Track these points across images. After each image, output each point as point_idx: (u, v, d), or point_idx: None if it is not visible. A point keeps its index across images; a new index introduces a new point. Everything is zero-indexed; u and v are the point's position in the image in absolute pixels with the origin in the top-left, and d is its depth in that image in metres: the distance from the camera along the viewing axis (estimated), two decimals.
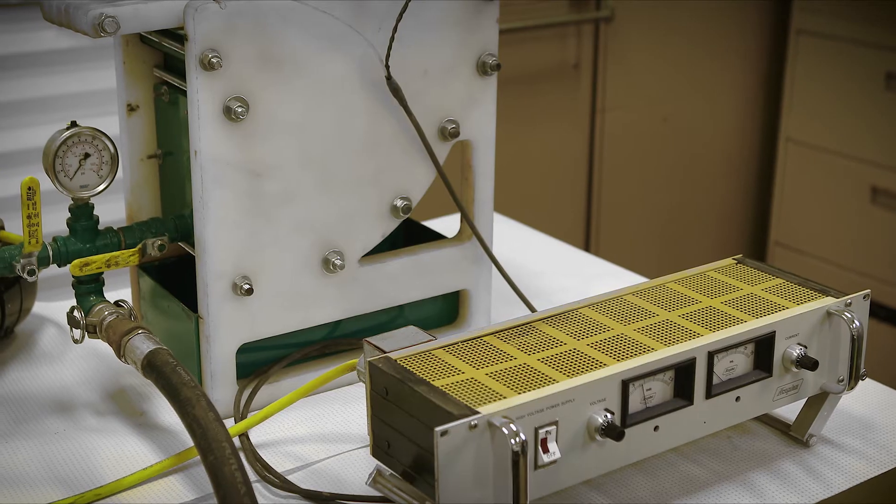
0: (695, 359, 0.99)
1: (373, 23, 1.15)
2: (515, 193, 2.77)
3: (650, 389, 0.97)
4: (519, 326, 1.03)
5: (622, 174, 3.08)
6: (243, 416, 1.15)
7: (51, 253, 1.12)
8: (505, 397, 0.91)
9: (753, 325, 1.03)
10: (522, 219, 1.79)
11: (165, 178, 1.27)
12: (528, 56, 2.85)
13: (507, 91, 1.24)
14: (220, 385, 1.16)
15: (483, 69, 1.23)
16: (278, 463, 1.09)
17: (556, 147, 2.96)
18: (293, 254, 1.17)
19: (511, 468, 0.87)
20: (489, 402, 0.90)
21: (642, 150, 3.08)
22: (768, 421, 1.14)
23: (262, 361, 1.21)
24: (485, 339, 1.01)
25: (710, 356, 1.00)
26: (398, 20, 1.14)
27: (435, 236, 1.33)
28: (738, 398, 1.03)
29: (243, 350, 1.17)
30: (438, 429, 0.86)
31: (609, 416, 0.94)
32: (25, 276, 1.11)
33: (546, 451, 0.91)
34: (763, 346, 1.03)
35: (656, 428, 0.98)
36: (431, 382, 0.92)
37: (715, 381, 1.01)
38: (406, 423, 0.92)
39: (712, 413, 1.02)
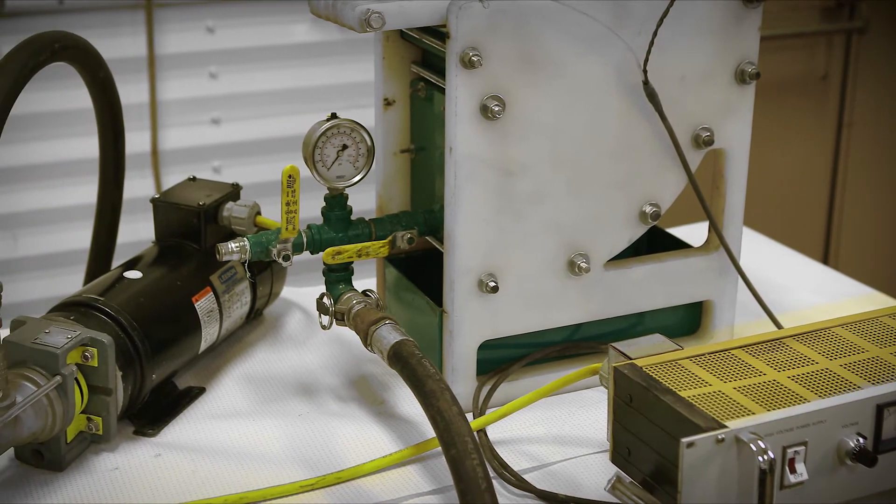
0: None
1: (633, 26, 1.14)
2: (754, 203, 2.71)
3: None
4: (768, 342, 1.00)
5: (867, 191, 2.97)
6: (482, 413, 1.16)
7: (305, 240, 1.15)
8: (753, 413, 0.89)
9: None
10: (758, 229, 1.74)
11: (416, 172, 1.29)
12: (775, 65, 2.78)
13: None
14: (461, 380, 1.17)
15: (741, 77, 1.21)
16: (514, 461, 1.09)
17: (798, 159, 2.89)
18: (540, 254, 1.17)
19: (757, 486, 0.85)
20: (737, 416, 0.88)
21: (891, 167, 2.97)
22: None
23: (501, 359, 1.21)
24: (732, 352, 0.99)
25: None
26: (659, 24, 1.13)
27: (679, 244, 1.31)
28: None
29: (484, 347, 1.18)
30: (685, 440, 0.84)
31: (861, 440, 0.91)
32: (280, 261, 1.14)
33: (793, 471, 0.89)
34: None
35: None
36: (678, 392, 0.91)
37: None
38: (650, 431, 0.91)
39: None
